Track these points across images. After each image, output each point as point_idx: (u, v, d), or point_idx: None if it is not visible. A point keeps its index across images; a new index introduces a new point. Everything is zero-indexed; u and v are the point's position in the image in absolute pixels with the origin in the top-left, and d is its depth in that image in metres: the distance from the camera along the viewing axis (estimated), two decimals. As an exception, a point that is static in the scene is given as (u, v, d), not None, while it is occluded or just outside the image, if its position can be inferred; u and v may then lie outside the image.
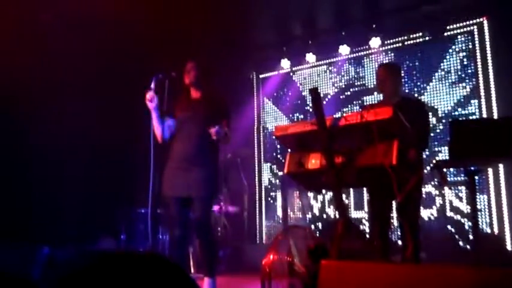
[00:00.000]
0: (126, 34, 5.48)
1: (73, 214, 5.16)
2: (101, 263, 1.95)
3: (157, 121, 3.58)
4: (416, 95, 5.78)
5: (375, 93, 6.07)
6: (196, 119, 3.57)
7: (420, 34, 5.93)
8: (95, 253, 2.22)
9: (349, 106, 6.42)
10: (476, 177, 2.98)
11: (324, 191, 6.05)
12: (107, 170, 5.60)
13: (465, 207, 5.32)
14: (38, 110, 5.21)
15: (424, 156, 3.88)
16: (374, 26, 5.99)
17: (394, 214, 3.70)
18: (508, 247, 5.00)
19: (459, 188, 5.41)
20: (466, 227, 5.27)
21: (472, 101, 5.48)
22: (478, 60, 5.50)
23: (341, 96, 6.56)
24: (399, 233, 4.56)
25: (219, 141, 3.45)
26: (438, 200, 5.54)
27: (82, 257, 2.07)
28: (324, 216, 6.30)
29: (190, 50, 5.39)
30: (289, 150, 2.70)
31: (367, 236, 5.30)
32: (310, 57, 6.57)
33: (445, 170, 4.95)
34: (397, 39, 6.12)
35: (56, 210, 5.10)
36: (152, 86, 3.45)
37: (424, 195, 5.40)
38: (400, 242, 3.59)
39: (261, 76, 7.44)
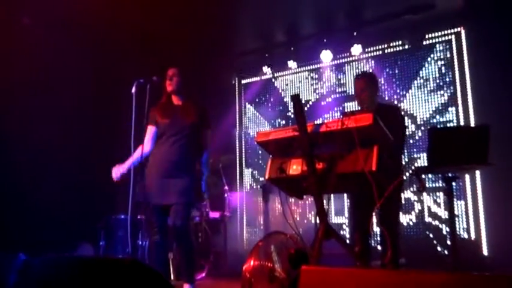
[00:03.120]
0: (107, 40, 5.44)
1: (51, 220, 5.05)
2: (79, 269, 1.92)
3: (133, 162, 3.50)
4: (395, 102, 5.87)
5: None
6: (177, 127, 3.56)
7: (400, 42, 6.04)
8: (73, 260, 2.18)
9: (330, 112, 6.48)
10: (454, 184, 3.04)
11: (305, 197, 6.08)
12: (86, 176, 5.52)
13: (443, 213, 5.41)
14: (13, 116, 5.11)
15: (403, 162, 3.94)
16: (355, 33, 6.07)
17: (374, 220, 3.74)
18: (484, 252, 5.09)
19: (437, 194, 5.50)
20: (444, 232, 5.36)
21: (450, 109, 5.59)
22: (456, 68, 5.63)
23: (322, 103, 6.62)
24: (379, 239, 4.61)
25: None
26: (417, 206, 5.62)
27: (60, 264, 2.04)
28: (305, 221, 6.33)
29: (172, 56, 5.37)
30: (270, 156, 2.70)
31: (348, 241, 5.35)
32: (292, 63, 6.62)
33: (423, 176, 5.04)
34: (377, 47, 6.22)
35: (34, 216, 4.99)
36: (133, 90, 3.42)
37: (403, 201, 5.49)
38: (379, 248, 3.63)
39: (243, 82, 7.46)
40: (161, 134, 3.62)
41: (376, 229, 5.06)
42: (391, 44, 6.11)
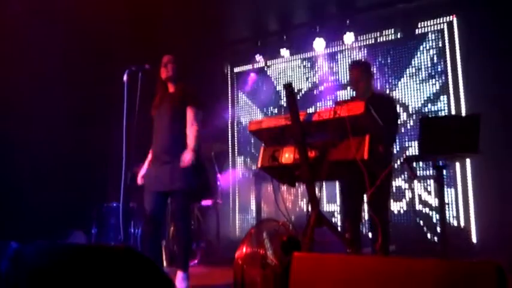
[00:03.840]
0: (98, 28, 5.36)
1: (43, 208, 5.04)
2: (72, 257, 1.92)
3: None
4: (387, 91, 5.89)
5: (348, 88, 6.15)
6: (167, 115, 3.55)
7: (392, 31, 6.04)
8: (65, 247, 2.19)
9: (323, 101, 6.49)
10: (445, 172, 3.07)
11: (297, 185, 6.11)
12: (78, 164, 5.50)
13: (433, 201, 5.46)
14: (6, 104, 5.06)
15: (395, 151, 3.97)
16: (348, 22, 6.06)
17: (365, 207, 3.78)
18: (474, 239, 5.17)
19: (428, 181, 5.56)
20: (434, 220, 5.42)
21: (441, 97, 5.62)
22: (448, 57, 5.64)
23: (315, 92, 6.62)
24: (370, 226, 4.65)
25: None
26: (407, 194, 5.68)
27: (52, 252, 2.04)
28: (297, 209, 6.37)
29: (164, 44, 5.32)
30: (263, 144, 2.71)
31: (339, 228, 5.39)
32: (284, 52, 6.59)
33: (414, 164, 5.09)
34: (370, 36, 6.21)
35: (26, 204, 4.98)
36: (125, 78, 3.40)
37: (394, 189, 5.54)
38: (370, 235, 3.67)
39: (235, 70, 7.43)
40: (156, 122, 3.64)
41: (367, 216, 5.11)
42: (384, 33, 6.11)
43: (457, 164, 5.31)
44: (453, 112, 5.49)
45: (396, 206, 5.66)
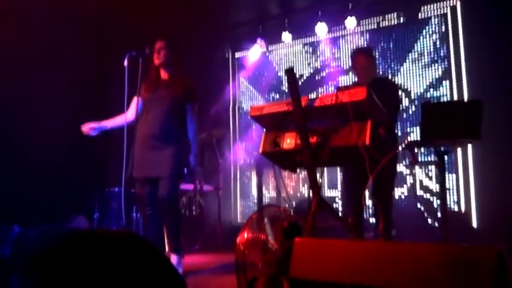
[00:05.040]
0: (98, 11, 5.32)
1: (45, 193, 5.06)
2: (75, 241, 1.93)
3: (112, 125, 3.65)
4: (390, 76, 5.85)
5: (350, 74, 6.11)
6: (158, 100, 3.54)
7: (395, 15, 5.98)
8: (68, 232, 2.20)
9: (325, 87, 6.45)
10: (446, 157, 3.06)
11: (298, 170, 6.12)
12: (79, 148, 5.50)
13: (434, 186, 5.47)
14: (7, 89, 5.04)
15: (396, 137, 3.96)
16: (350, 6, 6.00)
17: (367, 193, 3.79)
18: (474, 225, 5.19)
19: (429, 167, 5.56)
20: (435, 205, 5.43)
21: (444, 83, 5.58)
22: (451, 42, 5.59)
23: (316, 77, 6.58)
24: (372, 211, 4.67)
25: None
26: (409, 179, 5.68)
27: (55, 236, 2.05)
28: (298, 194, 6.39)
29: (164, 28, 5.28)
30: (264, 129, 2.70)
31: (340, 214, 5.42)
32: (286, 36, 6.53)
33: (416, 150, 5.08)
34: (372, 21, 6.15)
35: (28, 189, 4.99)
36: (125, 63, 3.38)
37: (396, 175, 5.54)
38: (372, 220, 3.68)
39: (236, 55, 7.38)
40: (145, 108, 3.60)
41: (369, 202, 5.13)
42: (386, 17, 6.05)
43: (459, 150, 5.30)
44: (455, 98, 5.46)
45: (397, 192, 5.66)
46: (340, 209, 5.98)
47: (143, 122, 3.56)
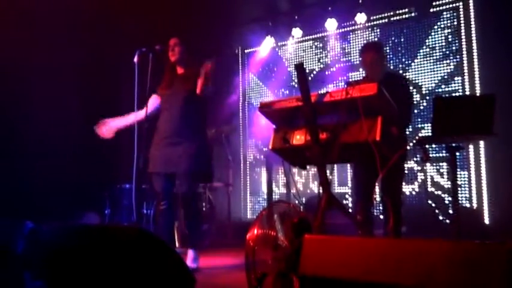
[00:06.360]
0: (109, 8, 5.34)
1: (57, 189, 5.11)
2: (87, 237, 1.95)
3: (125, 123, 3.62)
4: (401, 71, 5.80)
5: (360, 69, 6.07)
6: (176, 95, 3.55)
7: (406, 10, 5.92)
8: (80, 228, 2.22)
9: (335, 82, 6.42)
10: (458, 154, 3.03)
11: (308, 167, 6.11)
12: (90, 145, 5.54)
13: (446, 183, 5.42)
14: (21, 89, 5.10)
15: (408, 132, 3.93)
16: (360, 1, 5.95)
17: (377, 189, 3.76)
18: (486, 221, 5.14)
19: (440, 164, 5.51)
20: (446, 202, 5.39)
21: (456, 78, 5.52)
22: (463, 37, 5.52)
23: (326, 72, 6.55)
24: (381, 208, 4.64)
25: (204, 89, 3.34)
26: (420, 176, 5.64)
27: (67, 232, 2.07)
28: (308, 191, 6.38)
29: (175, 25, 5.29)
30: (274, 126, 2.70)
31: (350, 210, 5.40)
32: (297, 32, 6.50)
33: (427, 146, 5.03)
34: (383, 15, 6.10)
35: (41, 185, 5.05)
36: (135, 60, 3.40)
37: (406, 171, 5.50)
38: (382, 217, 3.66)
39: (246, 51, 7.37)
40: (163, 104, 3.63)
41: (379, 198, 5.10)
42: (397, 12, 5.99)
43: (471, 146, 5.25)
44: (468, 93, 5.39)
45: (408, 188, 5.63)
46: (350, 205, 5.96)
47: (162, 119, 3.61)
